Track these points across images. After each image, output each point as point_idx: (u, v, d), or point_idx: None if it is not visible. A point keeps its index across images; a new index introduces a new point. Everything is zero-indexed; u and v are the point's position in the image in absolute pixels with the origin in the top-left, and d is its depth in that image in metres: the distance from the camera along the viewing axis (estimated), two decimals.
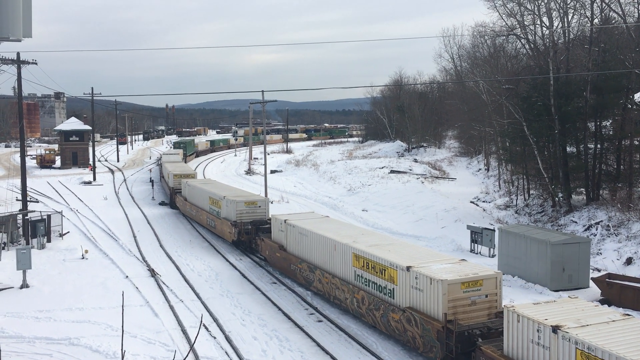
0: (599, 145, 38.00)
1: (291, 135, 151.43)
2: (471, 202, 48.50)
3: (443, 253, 21.84)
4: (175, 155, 73.53)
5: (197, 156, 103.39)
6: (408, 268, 19.23)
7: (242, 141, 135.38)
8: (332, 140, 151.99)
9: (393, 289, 20.01)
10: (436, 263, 19.72)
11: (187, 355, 17.66)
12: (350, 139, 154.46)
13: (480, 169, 68.29)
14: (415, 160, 76.70)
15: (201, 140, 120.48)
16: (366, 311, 21.43)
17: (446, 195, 50.42)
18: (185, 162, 79.51)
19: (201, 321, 9.96)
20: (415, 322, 18.65)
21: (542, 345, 14.20)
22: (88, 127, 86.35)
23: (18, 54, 37.81)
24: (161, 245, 36.24)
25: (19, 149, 40.58)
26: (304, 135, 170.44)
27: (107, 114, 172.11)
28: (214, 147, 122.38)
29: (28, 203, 40.15)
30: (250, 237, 33.51)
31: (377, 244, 22.73)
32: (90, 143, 78.39)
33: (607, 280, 24.35)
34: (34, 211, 37.88)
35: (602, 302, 23.48)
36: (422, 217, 43.39)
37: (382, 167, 67.46)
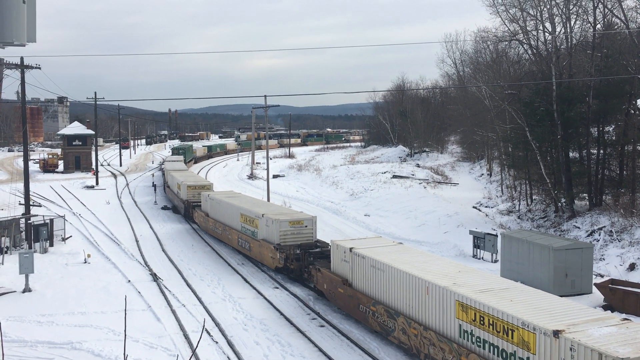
0: (601, 151, 37.95)
1: (286, 141, 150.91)
2: (474, 207, 48.44)
3: (585, 306, 16.32)
4: (179, 163, 70.31)
5: (195, 162, 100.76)
6: (556, 333, 13.90)
7: (239, 147, 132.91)
8: (329, 146, 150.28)
9: (528, 358, 14.83)
10: (591, 324, 14.29)
11: None
12: (351, 144, 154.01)
13: (482, 174, 68.22)
14: (418, 165, 76.66)
15: (198, 146, 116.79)
16: None
17: (449, 200, 50.37)
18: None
19: (203, 326, 9.95)
20: None
21: None
22: (91, 132, 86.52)
23: (22, 58, 37.96)
24: (163, 250, 36.24)
25: (22, 153, 40.71)
26: (298, 141, 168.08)
27: (110, 118, 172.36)
28: (211, 152, 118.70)
29: (31, 207, 40.21)
30: (301, 265, 27.72)
31: (489, 289, 17.41)
32: (93, 147, 78.54)
33: (610, 286, 24.28)
34: (37, 215, 37.93)
35: (605, 307, 23.39)
36: (424, 222, 43.35)
37: (385, 172, 67.43)
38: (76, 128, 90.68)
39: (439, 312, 17.98)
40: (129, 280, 28.95)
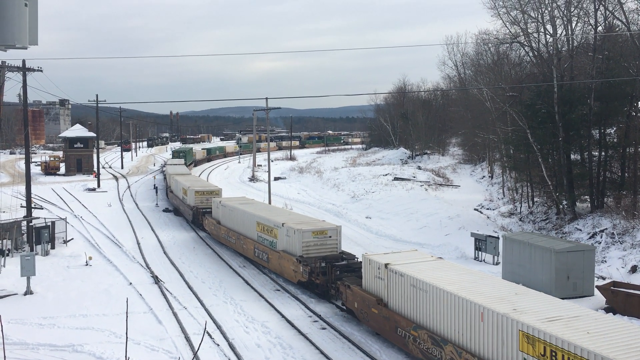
0: (603, 153, 37.93)
1: (284, 143, 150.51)
2: (475, 209, 48.41)
3: None
4: (181, 166, 68.52)
5: (195, 165, 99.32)
6: None
7: (240, 149, 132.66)
8: (330, 148, 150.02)
9: None
10: None
11: None
12: (352, 147, 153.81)
13: (484, 177, 68.19)
14: (419, 168, 76.65)
15: (198, 149, 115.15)
16: None
17: (450, 202, 50.34)
18: None
19: (205, 328, 9.89)
20: None
21: None
22: (92, 134, 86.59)
23: (23, 61, 38.02)
24: (165, 252, 36.25)
25: (23, 156, 40.74)
26: (296, 143, 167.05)
27: (112, 121, 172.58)
28: (210, 155, 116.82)
29: (32, 210, 40.24)
30: (327, 280, 25.49)
31: (557, 317, 15.04)
32: (95, 150, 78.63)
33: (612, 288, 24.24)
34: (38, 218, 37.95)
35: (607, 310, 23.36)
36: (425, 224, 43.32)
37: (386, 174, 67.43)
38: (78, 130, 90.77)
39: (497, 342, 15.67)
40: (131, 283, 28.95)
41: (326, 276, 25.45)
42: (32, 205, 41.22)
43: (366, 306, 21.64)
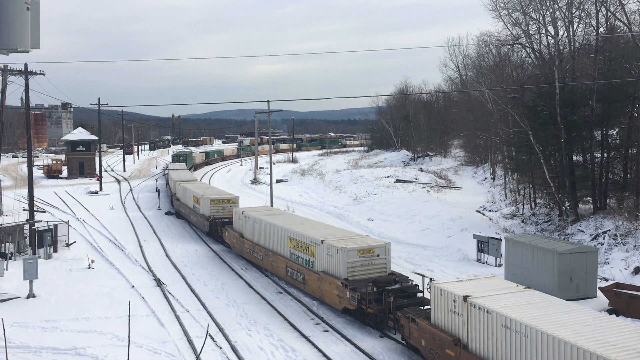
0: (605, 154, 37.89)
1: (282, 146, 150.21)
2: (477, 211, 48.37)
3: None
4: (185, 172, 66.58)
5: (195, 169, 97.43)
6: None
7: (242, 152, 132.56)
8: (332, 150, 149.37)
9: None
10: None
11: None
12: (354, 149, 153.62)
13: (486, 178, 68.13)
14: (421, 170, 76.63)
15: (197, 153, 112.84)
16: None
17: (452, 204, 50.32)
18: None
19: (207, 331, 9.90)
20: None
21: None
22: (95, 137, 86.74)
23: (26, 65, 38.15)
24: (167, 255, 36.26)
25: (26, 159, 40.79)
26: (294, 146, 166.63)
27: (114, 124, 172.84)
28: (208, 159, 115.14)
29: (35, 213, 40.32)
30: (382, 309, 21.79)
31: None
32: (97, 153, 78.71)
33: (615, 290, 24.20)
34: (41, 221, 38.01)
35: (610, 311, 23.32)
36: (428, 226, 43.29)
37: (388, 177, 67.42)
38: (80, 134, 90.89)
39: None
40: (133, 286, 28.96)
41: (381, 304, 21.86)
42: (35, 209, 41.30)
43: (438, 346, 18.07)
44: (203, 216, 41.70)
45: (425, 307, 20.78)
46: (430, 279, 20.82)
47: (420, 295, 22.71)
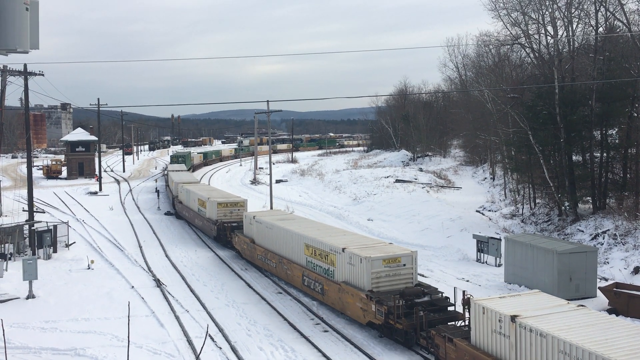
0: (605, 154, 37.91)
1: (279, 146, 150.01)
2: (477, 211, 48.38)
3: None
4: (186, 173, 65.66)
5: (193, 170, 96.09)
6: None
7: (241, 152, 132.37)
8: (331, 150, 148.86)
9: None
10: None
11: None
12: (352, 149, 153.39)
13: (485, 178, 68.13)
14: (421, 170, 76.64)
15: (194, 154, 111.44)
16: None
17: (452, 204, 50.32)
18: None
19: (207, 331, 9.88)
20: None
21: None
22: (94, 138, 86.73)
23: (25, 65, 38.12)
24: (167, 255, 36.25)
25: (25, 160, 40.79)
26: (291, 146, 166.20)
27: (113, 124, 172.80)
28: (206, 160, 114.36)
29: (34, 213, 40.30)
30: (412, 325, 19.92)
31: None
32: (97, 153, 78.69)
33: (614, 289, 24.21)
34: (40, 222, 38.00)
35: (610, 311, 23.34)
36: (427, 226, 43.30)
37: (388, 177, 67.42)
38: (79, 134, 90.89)
39: None
40: (133, 286, 28.95)
41: (411, 319, 20.02)
42: (34, 209, 41.28)
43: None
44: (210, 220, 40.04)
45: (459, 324, 19.49)
46: (464, 292, 19.60)
47: (451, 308, 20.99)
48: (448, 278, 29.92)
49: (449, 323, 19.87)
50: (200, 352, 20.25)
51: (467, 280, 29.57)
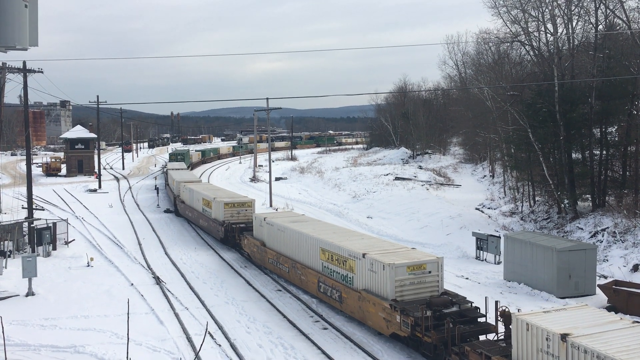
0: (604, 152, 37.91)
1: (277, 144, 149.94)
2: (476, 209, 48.39)
3: None
4: (186, 172, 64.66)
5: (192, 168, 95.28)
6: None
7: (241, 150, 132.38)
8: (331, 148, 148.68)
9: None
10: None
11: None
12: (352, 147, 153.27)
13: (485, 176, 68.15)
14: (420, 167, 76.64)
15: (193, 152, 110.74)
16: None
17: (451, 202, 50.33)
18: None
19: (206, 329, 9.88)
20: None
21: None
22: (93, 135, 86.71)
23: (24, 62, 38.06)
24: (166, 253, 36.26)
25: (24, 157, 40.78)
26: (289, 144, 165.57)
27: (113, 122, 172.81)
28: (204, 157, 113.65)
29: (34, 211, 40.28)
30: (442, 338, 18.25)
31: None
32: (96, 151, 78.68)
33: (613, 287, 24.23)
34: (40, 219, 38.00)
35: (609, 309, 23.34)
36: (427, 224, 43.31)
37: (387, 174, 67.42)
38: (79, 132, 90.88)
39: None
40: (132, 284, 28.96)
41: (441, 332, 18.40)
42: (34, 207, 41.27)
43: None
44: (216, 221, 38.35)
45: (492, 336, 18.40)
46: (496, 302, 18.52)
47: (481, 320, 19.47)
48: (448, 276, 29.84)
49: (480, 336, 18.64)
50: (199, 350, 20.27)
51: (467, 278, 29.59)
